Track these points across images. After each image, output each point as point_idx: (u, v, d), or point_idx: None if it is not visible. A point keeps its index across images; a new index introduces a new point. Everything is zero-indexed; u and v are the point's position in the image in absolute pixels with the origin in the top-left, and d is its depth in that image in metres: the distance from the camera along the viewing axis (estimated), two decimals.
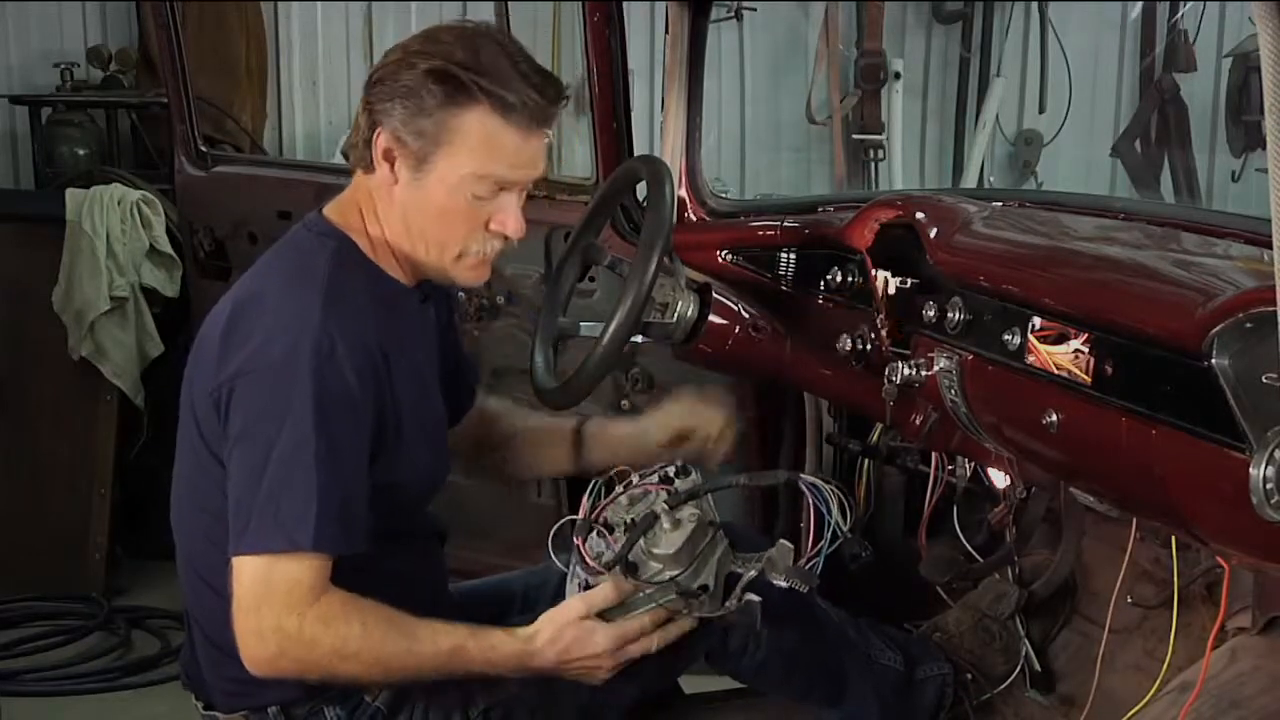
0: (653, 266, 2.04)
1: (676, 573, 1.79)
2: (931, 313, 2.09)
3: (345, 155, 1.93)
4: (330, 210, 1.92)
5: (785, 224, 2.55)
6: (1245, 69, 5.29)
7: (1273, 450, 1.45)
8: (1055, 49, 5.70)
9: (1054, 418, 1.79)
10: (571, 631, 1.79)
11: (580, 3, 2.69)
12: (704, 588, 1.80)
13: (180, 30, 3.66)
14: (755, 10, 5.58)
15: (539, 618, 1.81)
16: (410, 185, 1.82)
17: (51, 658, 3.60)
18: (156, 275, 3.95)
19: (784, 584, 1.79)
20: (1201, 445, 1.56)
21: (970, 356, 1.98)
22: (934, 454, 2.33)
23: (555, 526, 1.89)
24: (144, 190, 4.03)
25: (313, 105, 5.60)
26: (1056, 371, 1.80)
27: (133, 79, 5.13)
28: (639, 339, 2.34)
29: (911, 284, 2.17)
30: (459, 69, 1.76)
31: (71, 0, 5.23)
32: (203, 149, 3.74)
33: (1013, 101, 5.93)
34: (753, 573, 1.80)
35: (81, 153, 4.87)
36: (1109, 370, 1.71)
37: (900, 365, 2.09)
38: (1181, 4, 5.59)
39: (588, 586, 1.82)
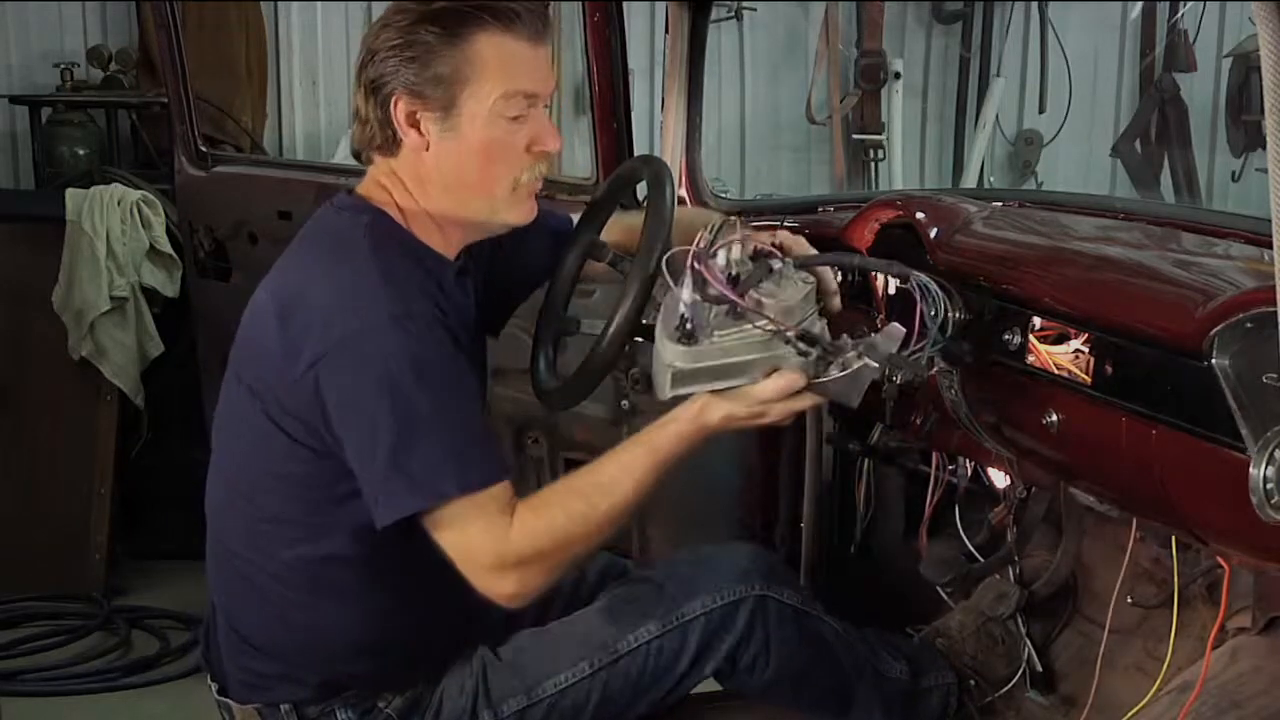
0: (653, 266, 2.03)
1: (782, 329, 1.71)
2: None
3: (358, 155, 1.89)
4: (356, 192, 1.91)
5: (785, 224, 2.55)
6: (1245, 69, 5.29)
7: (1273, 450, 1.45)
8: (1055, 49, 5.70)
9: (1054, 418, 1.79)
10: (726, 404, 1.75)
11: (580, 3, 2.68)
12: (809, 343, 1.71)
13: (180, 30, 3.65)
14: (755, 10, 5.59)
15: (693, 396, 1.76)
16: (442, 139, 1.80)
17: (51, 658, 3.59)
18: (156, 275, 3.94)
19: (883, 367, 1.69)
20: (1201, 445, 1.56)
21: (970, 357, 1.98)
22: (934, 454, 2.33)
23: (667, 254, 1.82)
24: (144, 190, 4.03)
25: (313, 105, 5.59)
26: (1056, 371, 1.80)
27: (133, 79, 5.12)
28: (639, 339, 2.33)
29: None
30: (448, 4, 1.76)
31: (71, 0, 5.22)
32: (203, 149, 3.73)
33: (1013, 101, 5.94)
34: (854, 353, 1.71)
35: (81, 153, 4.86)
36: (1109, 370, 1.71)
37: None
38: (1181, 4, 5.59)
39: (690, 308, 1.72)
